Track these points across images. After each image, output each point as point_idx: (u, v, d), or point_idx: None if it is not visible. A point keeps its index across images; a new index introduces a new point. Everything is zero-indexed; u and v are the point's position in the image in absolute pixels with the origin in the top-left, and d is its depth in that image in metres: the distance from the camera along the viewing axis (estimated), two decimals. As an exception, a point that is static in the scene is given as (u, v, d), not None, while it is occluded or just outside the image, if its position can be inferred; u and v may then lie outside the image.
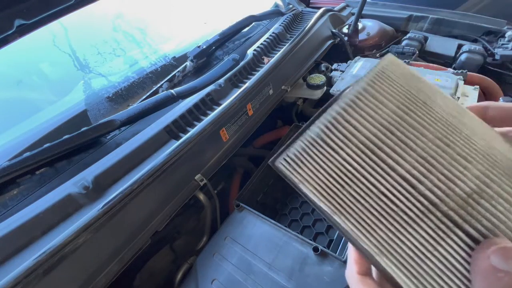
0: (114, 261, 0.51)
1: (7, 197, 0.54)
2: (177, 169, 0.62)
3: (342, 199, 0.21)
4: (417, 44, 1.10)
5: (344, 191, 0.21)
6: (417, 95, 0.22)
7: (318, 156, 0.21)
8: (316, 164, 0.21)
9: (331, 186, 0.21)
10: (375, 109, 0.21)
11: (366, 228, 0.20)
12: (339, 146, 0.21)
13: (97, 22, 1.00)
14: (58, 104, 0.78)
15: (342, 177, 0.21)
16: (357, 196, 0.20)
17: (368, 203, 0.20)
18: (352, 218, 0.20)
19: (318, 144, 0.21)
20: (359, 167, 0.20)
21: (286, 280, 0.55)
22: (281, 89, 0.91)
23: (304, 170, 0.21)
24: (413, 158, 0.20)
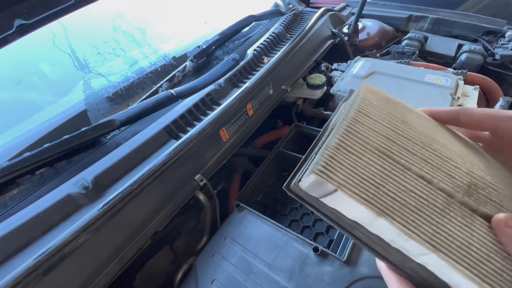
0: (114, 261, 0.51)
1: (7, 197, 0.54)
2: (177, 169, 0.62)
3: (382, 200, 0.20)
4: (417, 44, 1.10)
5: (381, 192, 0.21)
6: (395, 115, 0.26)
7: (345, 161, 0.22)
8: (346, 168, 0.21)
9: (369, 189, 0.21)
10: (372, 126, 0.24)
11: (412, 224, 0.20)
12: (359, 151, 0.22)
13: (97, 22, 1.00)
14: (58, 104, 0.78)
15: (373, 178, 0.21)
16: (392, 195, 0.21)
17: (404, 200, 0.21)
18: (397, 218, 0.20)
19: (341, 152, 0.22)
20: (382, 168, 0.22)
21: (286, 280, 0.55)
22: (281, 89, 0.91)
23: (337, 175, 0.21)
24: (417, 160, 0.23)
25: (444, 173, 0.23)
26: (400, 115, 0.26)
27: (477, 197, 0.22)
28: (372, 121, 0.25)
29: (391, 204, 0.20)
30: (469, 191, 0.22)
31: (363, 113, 0.25)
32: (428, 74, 0.87)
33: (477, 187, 0.22)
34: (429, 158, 0.23)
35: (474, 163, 0.25)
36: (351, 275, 0.53)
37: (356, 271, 0.53)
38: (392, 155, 0.23)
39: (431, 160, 0.23)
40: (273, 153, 0.82)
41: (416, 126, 0.26)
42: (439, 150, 0.24)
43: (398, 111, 0.27)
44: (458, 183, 0.22)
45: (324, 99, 1.06)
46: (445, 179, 0.22)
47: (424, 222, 0.20)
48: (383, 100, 0.27)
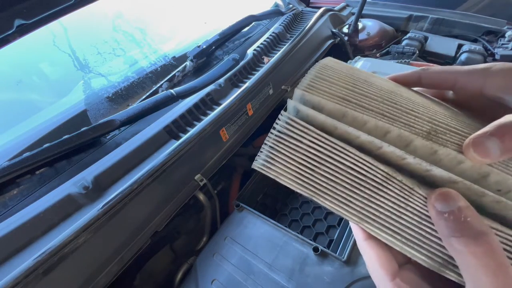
0: (114, 261, 0.51)
1: (7, 197, 0.54)
2: (177, 169, 0.62)
3: (315, 181, 0.23)
4: (417, 44, 1.10)
5: (315, 174, 0.23)
6: (359, 76, 0.26)
7: (284, 149, 0.24)
8: (284, 156, 0.24)
9: (302, 173, 0.23)
10: (327, 89, 0.23)
11: (342, 201, 0.22)
12: (300, 135, 0.23)
13: (97, 22, 1.00)
14: (58, 104, 0.78)
15: (310, 162, 0.23)
16: (327, 175, 0.23)
17: (337, 178, 0.22)
18: (328, 196, 0.23)
19: (283, 139, 0.24)
20: (322, 149, 0.23)
21: (286, 280, 0.55)
22: (281, 89, 0.91)
23: (276, 165, 0.24)
24: (373, 115, 0.22)
25: (402, 123, 0.22)
26: (363, 77, 0.26)
27: (436, 141, 0.21)
28: (329, 83, 0.24)
29: (324, 184, 0.23)
30: (428, 137, 0.21)
31: (320, 77, 0.24)
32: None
33: (437, 133, 0.22)
34: (387, 111, 0.23)
35: (438, 112, 0.24)
36: (351, 275, 0.53)
37: (356, 271, 0.53)
38: (344, 118, 0.23)
39: (389, 113, 0.23)
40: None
41: (377, 84, 0.25)
42: (400, 103, 0.24)
43: (361, 75, 0.26)
44: (417, 130, 0.22)
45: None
46: (402, 128, 0.22)
47: (355, 197, 0.22)
48: (346, 67, 0.27)
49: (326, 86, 0.24)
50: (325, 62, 0.27)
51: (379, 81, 0.26)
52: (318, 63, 0.27)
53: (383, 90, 0.25)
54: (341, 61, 0.28)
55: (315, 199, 0.23)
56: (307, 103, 0.23)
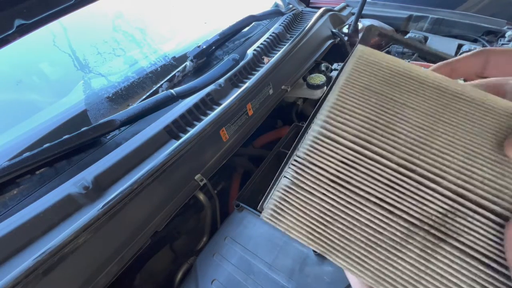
0: (114, 261, 0.51)
1: (7, 197, 0.54)
2: (177, 169, 0.62)
3: (328, 238, 0.22)
4: (417, 44, 1.10)
5: (328, 230, 0.22)
6: (386, 95, 0.23)
7: (295, 201, 0.22)
8: (296, 209, 0.22)
9: (315, 228, 0.22)
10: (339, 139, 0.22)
11: (357, 261, 0.21)
12: (312, 187, 0.22)
13: (97, 22, 1.00)
14: (58, 104, 0.78)
15: (322, 217, 0.22)
16: (341, 232, 0.21)
17: (354, 236, 0.21)
18: (342, 254, 0.21)
19: (293, 190, 0.23)
20: (336, 203, 0.21)
21: (286, 280, 0.55)
22: (281, 89, 0.91)
23: (287, 218, 0.23)
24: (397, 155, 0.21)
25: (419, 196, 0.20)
26: (393, 92, 0.23)
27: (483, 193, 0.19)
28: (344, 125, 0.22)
29: (338, 242, 0.21)
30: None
31: (328, 127, 0.22)
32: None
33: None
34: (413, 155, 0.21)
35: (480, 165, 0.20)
36: (351, 275, 0.53)
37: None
38: (353, 181, 0.21)
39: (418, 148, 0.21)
40: (273, 153, 0.82)
41: (410, 107, 0.22)
42: (432, 149, 0.21)
43: (394, 87, 0.23)
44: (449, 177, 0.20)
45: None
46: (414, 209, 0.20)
47: (371, 257, 0.20)
48: (376, 76, 0.24)
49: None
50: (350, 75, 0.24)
51: (414, 96, 0.23)
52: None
53: (416, 125, 0.22)
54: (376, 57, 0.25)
55: (326, 256, 0.22)
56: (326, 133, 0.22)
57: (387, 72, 0.23)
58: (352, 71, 0.24)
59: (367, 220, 0.21)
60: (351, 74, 0.24)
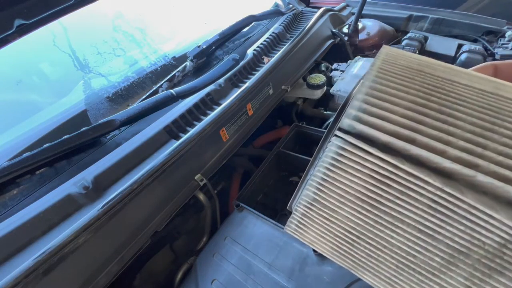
0: (114, 261, 0.51)
1: (7, 197, 0.54)
2: (177, 169, 0.62)
3: (355, 256, 0.20)
4: (417, 44, 1.10)
5: (354, 249, 0.20)
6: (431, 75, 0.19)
7: (318, 219, 0.20)
8: (319, 226, 0.20)
9: (340, 246, 0.20)
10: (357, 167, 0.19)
11: (389, 281, 0.19)
12: (336, 205, 0.19)
13: (97, 22, 1.00)
14: (58, 104, 0.78)
15: (348, 236, 0.20)
16: (369, 252, 0.19)
17: (382, 257, 0.19)
18: (373, 275, 0.19)
19: (315, 206, 0.20)
20: (363, 224, 0.19)
21: (286, 280, 0.55)
22: (281, 89, 0.91)
23: (310, 234, 0.21)
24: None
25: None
26: (436, 72, 0.19)
27: None
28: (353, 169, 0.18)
29: (365, 260, 0.19)
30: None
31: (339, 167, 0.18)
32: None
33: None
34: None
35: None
36: (351, 275, 0.52)
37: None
38: (382, 200, 0.18)
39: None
40: (273, 153, 0.82)
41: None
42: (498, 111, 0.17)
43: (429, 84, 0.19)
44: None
45: (324, 99, 1.06)
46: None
47: (403, 280, 0.18)
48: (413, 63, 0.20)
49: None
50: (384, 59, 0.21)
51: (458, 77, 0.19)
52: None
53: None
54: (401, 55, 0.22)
55: (353, 272, 0.20)
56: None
57: (418, 64, 0.21)
58: (382, 62, 0.21)
59: (399, 243, 0.18)
60: (383, 64, 0.21)
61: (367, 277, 0.20)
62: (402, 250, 0.18)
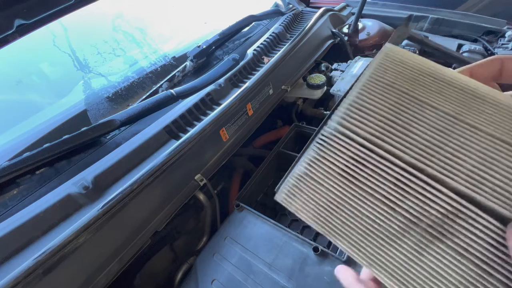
0: (114, 261, 0.51)
1: (7, 197, 0.54)
2: (177, 169, 0.62)
3: (331, 223, 0.25)
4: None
5: (332, 216, 0.25)
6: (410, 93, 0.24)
7: (306, 189, 0.26)
8: (305, 195, 0.26)
9: (321, 213, 0.25)
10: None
11: (354, 245, 0.24)
12: (322, 178, 0.25)
13: (97, 22, 1.00)
14: (58, 104, 0.78)
15: (328, 205, 0.25)
16: (343, 219, 0.24)
17: (353, 224, 0.24)
18: (345, 240, 0.24)
19: (305, 179, 0.25)
20: (342, 195, 0.24)
21: (286, 280, 0.55)
22: (281, 89, 0.91)
23: (297, 202, 0.26)
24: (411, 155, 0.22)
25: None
26: (417, 91, 0.23)
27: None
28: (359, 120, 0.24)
29: (340, 227, 0.24)
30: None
31: (344, 126, 0.24)
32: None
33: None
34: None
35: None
36: (351, 275, 0.53)
37: (356, 271, 0.53)
38: (360, 177, 0.23)
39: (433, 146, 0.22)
40: (273, 153, 0.82)
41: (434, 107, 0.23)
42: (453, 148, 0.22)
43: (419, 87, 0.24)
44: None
45: (324, 99, 1.06)
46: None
47: (368, 244, 0.23)
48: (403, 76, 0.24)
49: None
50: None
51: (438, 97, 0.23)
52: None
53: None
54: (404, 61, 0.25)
55: (329, 238, 0.25)
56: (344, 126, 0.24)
57: (413, 71, 0.24)
58: (377, 67, 0.25)
59: (368, 213, 0.23)
60: (376, 71, 0.25)
61: (340, 242, 0.25)
62: (369, 219, 0.23)
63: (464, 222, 0.20)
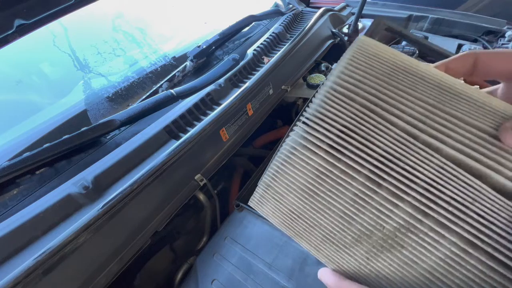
0: (114, 261, 0.51)
1: (7, 197, 0.54)
2: (177, 169, 0.62)
3: (294, 229, 0.28)
4: (417, 44, 1.10)
5: (296, 223, 0.28)
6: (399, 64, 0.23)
7: (272, 200, 0.28)
8: (272, 205, 0.28)
9: (285, 221, 0.29)
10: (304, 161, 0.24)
11: (315, 247, 0.28)
12: (285, 191, 0.26)
13: (97, 22, 1.00)
14: (58, 104, 0.78)
15: (291, 215, 0.27)
16: (306, 227, 0.27)
17: (313, 232, 0.27)
18: (306, 243, 0.28)
19: (270, 191, 0.28)
20: (302, 207, 0.26)
21: (286, 280, 0.55)
22: (281, 89, 0.91)
23: (266, 209, 0.30)
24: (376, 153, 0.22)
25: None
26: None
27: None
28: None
29: (302, 233, 0.28)
30: None
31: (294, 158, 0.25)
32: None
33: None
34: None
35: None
36: (351, 275, 0.53)
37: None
38: (317, 197, 0.25)
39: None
40: (273, 153, 0.82)
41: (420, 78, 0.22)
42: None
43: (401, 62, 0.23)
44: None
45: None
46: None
47: (326, 247, 0.27)
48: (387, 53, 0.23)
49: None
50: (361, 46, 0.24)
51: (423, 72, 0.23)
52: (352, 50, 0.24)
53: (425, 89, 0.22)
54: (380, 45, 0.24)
55: (295, 240, 0.29)
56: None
57: (387, 66, 0.23)
58: (348, 61, 0.23)
59: (326, 224, 0.25)
60: (346, 68, 0.23)
61: (303, 243, 0.29)
62: (327, 229, 0.25)
63: (415, 236, 0.21)
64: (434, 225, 0.20)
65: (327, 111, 0.22)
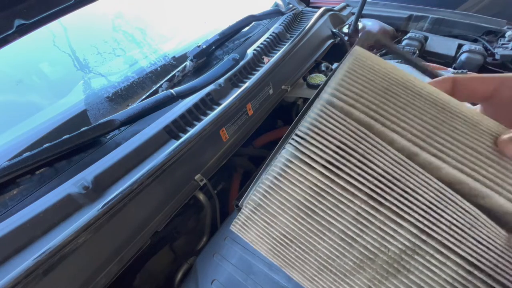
0: (114, 261, 0.51)
1: (7, 197, 0.54)
2: (177, 169, 0.62)
3: (286, 257, 0.24)
4: (417, 44, 1.10)
5: (286, 250, 0.24)
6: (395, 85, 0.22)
7: (260, 222, 0.24)
8: (260, 229, 0.25)
9: (275, 247, 0.25)
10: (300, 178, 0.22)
11: (310, 279, 0.24)
12: (279, 208, 0.23)
13: (97, 22, 1.00)
14: (58, 104, 0.78)
15: (283, 240, 0.24)
16: (298, 254, 0.24)
17: (308, 259, 0.23)
18: (299, 273, 0.24)
19: (259, 211, 0.24)
20: (297, 230, 0.23)
21: (286, 280, 0.55)
22: (281, 89, 0.91)
23: (252, 234, 0.25)
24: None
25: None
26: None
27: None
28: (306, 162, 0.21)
29: (294, 261, 0.24)
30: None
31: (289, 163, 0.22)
32: (428, 74, 0.87)
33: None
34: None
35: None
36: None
37: None
38: (313, 214, 0.22)
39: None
40: (273, 153, 0.82)
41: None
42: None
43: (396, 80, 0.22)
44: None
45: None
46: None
47: (321, 278, 0.23)
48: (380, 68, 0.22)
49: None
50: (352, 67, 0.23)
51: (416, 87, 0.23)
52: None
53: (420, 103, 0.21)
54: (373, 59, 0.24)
55: (284, 270, 0.25)
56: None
57: (384, 80, 0.22)
58: (346, 73, 0.22)
59: (324, 248, 0.22)
60: (343, 80, 0.22)
61: (294, 274, 0.24)
62: (324, 254, 0.22)
63: (421, 258, 0.19)
64: (439, 246, 0.19)
65: (324, 126, 0.21)
